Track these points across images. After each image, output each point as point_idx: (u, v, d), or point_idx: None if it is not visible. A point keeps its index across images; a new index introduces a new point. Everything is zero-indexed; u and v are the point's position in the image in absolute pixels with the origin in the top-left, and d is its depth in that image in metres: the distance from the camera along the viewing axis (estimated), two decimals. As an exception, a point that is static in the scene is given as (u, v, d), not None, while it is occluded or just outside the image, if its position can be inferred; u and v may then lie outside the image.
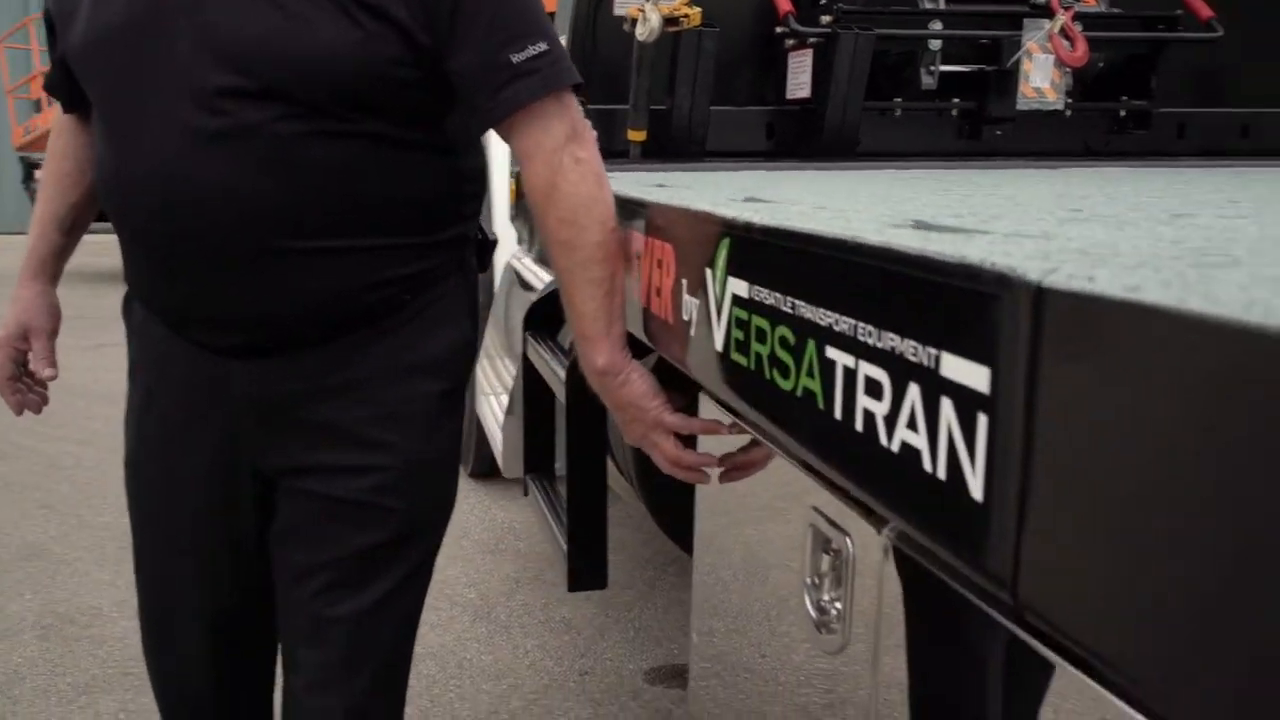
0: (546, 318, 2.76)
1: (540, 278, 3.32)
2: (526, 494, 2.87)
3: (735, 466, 1.49)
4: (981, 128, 2.93)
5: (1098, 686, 0.81)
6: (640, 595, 3.52)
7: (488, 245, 1.73)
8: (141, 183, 1.42)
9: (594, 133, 1.51)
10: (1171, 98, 3.06)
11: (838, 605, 1.26)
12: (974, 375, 0.72)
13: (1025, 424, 0.67)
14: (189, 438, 1.58)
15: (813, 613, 1.32)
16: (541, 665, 3.05)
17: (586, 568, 2.28)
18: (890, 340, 0.83)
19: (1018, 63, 2.86)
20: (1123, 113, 3.04)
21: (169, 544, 1.67)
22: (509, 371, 3.87)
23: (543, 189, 1.46)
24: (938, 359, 0.76)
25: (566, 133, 1.44)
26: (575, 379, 2.26)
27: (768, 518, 1.49)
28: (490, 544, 3.93)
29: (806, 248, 0.99)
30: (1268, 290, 0.53)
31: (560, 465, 2.97)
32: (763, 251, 1.11)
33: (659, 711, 2.82)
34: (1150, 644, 0.60)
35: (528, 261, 3.67)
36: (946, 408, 0.75)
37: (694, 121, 2.69)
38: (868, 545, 1.16)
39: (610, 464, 2.51)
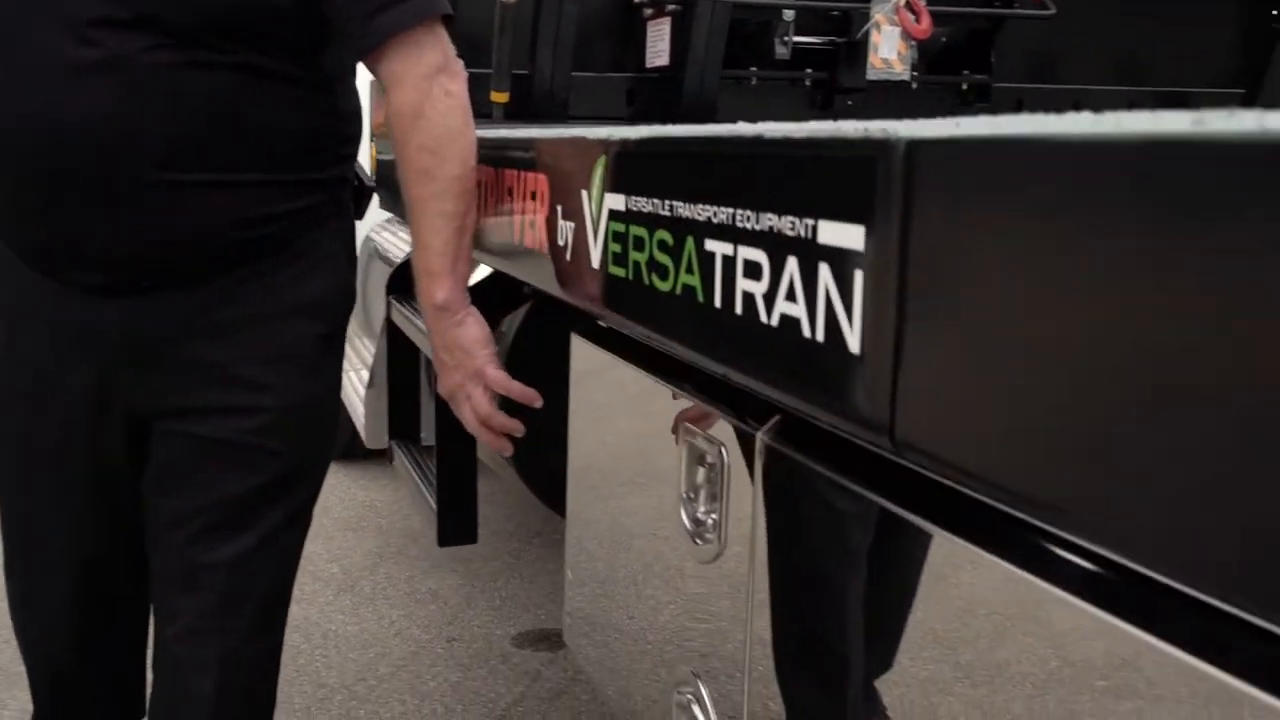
0: (410, 281, 2.75)
1: (401, 247, 3.30)
2: (392, 461, 2.85)
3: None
4: (833, 97, 3.03)
5: (976, 549, 0.88)
6: (506, 566, 3.53)
7: (364, 191, 1.73)
8: (12, 117, 1.37)
9: (465, 72, 1.53)
10: (1010, 73, 3.22)
11: (713, 516, 1.30)
12: (850, 236, 0.76)
13: (899, 270, 0.71)
14: (56, 382, 1.53)
15: (688, 525, 1.36)
16: (408, 633, 3.04)
17: (456, 523, 2.28)
18: (768, 220, 0.87)
19: (866, 34, 2.97)
20: (964, 86, 3.19)
21: (33, 493, 1.62)
22: (368, 349, 3.83)
23: (409, 114, 1.46)
24: (814, 228, 0.81)
25: (438, 62, 1.46)
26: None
27: (641, 444, 1.53)
28: (352, 521, 3.89)
29: (685, 149, 1.03)
30: (1116, 118, 0.59)
31: (425, 434, 2.96)
32: (640, 163, 1.15)
33: (528, 673, 2.84)
34: (1023, 460, 0.65)
35: (387, 235, 3.64)
36: (824, 272, 0.80)
37: (556, 84, 2.72)
38: (743, 449, 1.21)
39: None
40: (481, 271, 2.71)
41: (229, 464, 1.55)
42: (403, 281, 2.82)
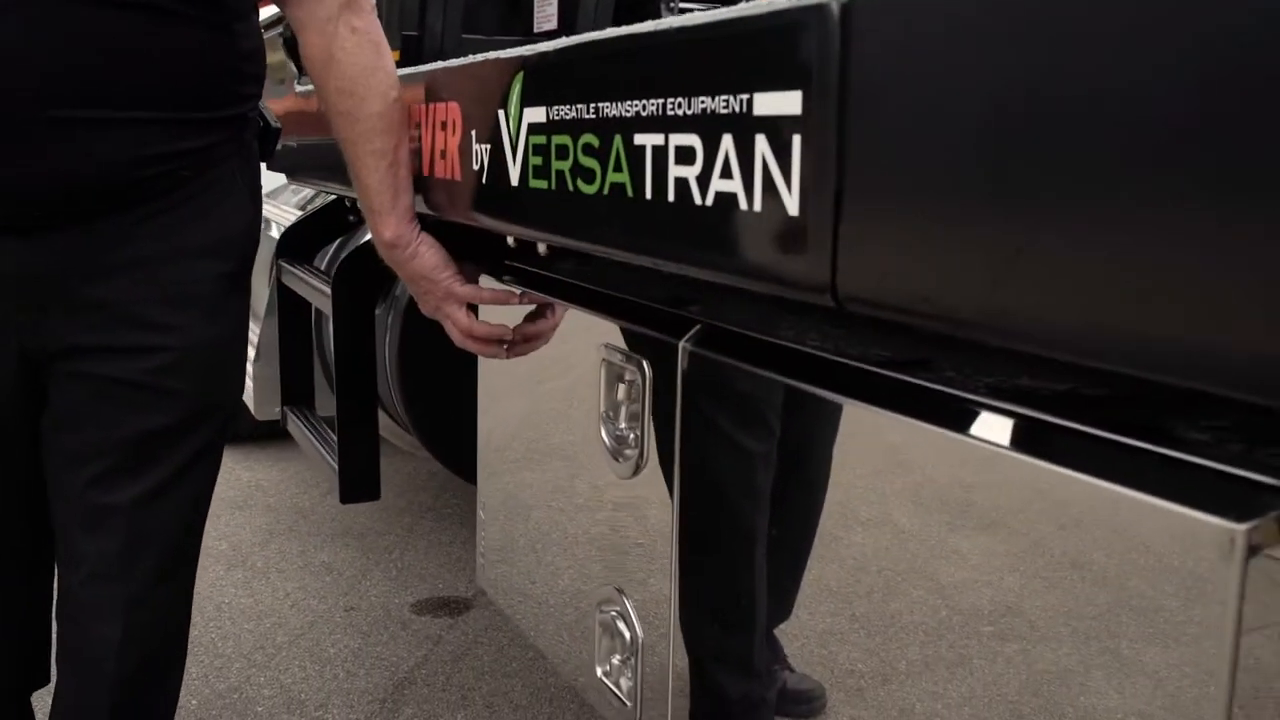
0: (302, 242, 2.72)
1: (284, 218, 3.25)
2: (285, 426, 2.81)
3: (525, 338, 1.54)
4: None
5: (885, 417, 0.92)
6: (399, 539, 3.50)
7: (271, 132, 1.70)
8: None
9: (371, 2, 1.52)
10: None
11: (634, 432, 1.33)
12: (786, 102, 0.79)
13: (838, 128, 0.75)
14: None
15: (608, 443, 1.38)
16: (304, 604, 3.00)
17: (359, 479, 2.27)
18: (701, 103, 0.90)
19: None
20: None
21: None
22: (254, 330, 3.77)
23: (319, 59, 1.46)
24: (749, 102, 0.84)
25: (340, 0, 1.45)
26: (343, 285, 2.25)
27: (556, 367, 1.55)
28: (239, 501, 3.81)
29: (611, 49, 1.05)
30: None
31: (319, 404, 2.93)
32: (559, 73, 1.17)
33: (429, 637, 2.83)
34: (956, 291, 0.69)
35: (269, 207, 3.58)
36: (760, 144, 0.83)
37: (445, 46, 2.70)
38: (663, 362, 1.24)
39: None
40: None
41: (129, 405, 1.52)
42: (292, 244, 2.79)
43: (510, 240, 1.54)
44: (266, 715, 2.44)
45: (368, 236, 2.55)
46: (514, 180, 1.28)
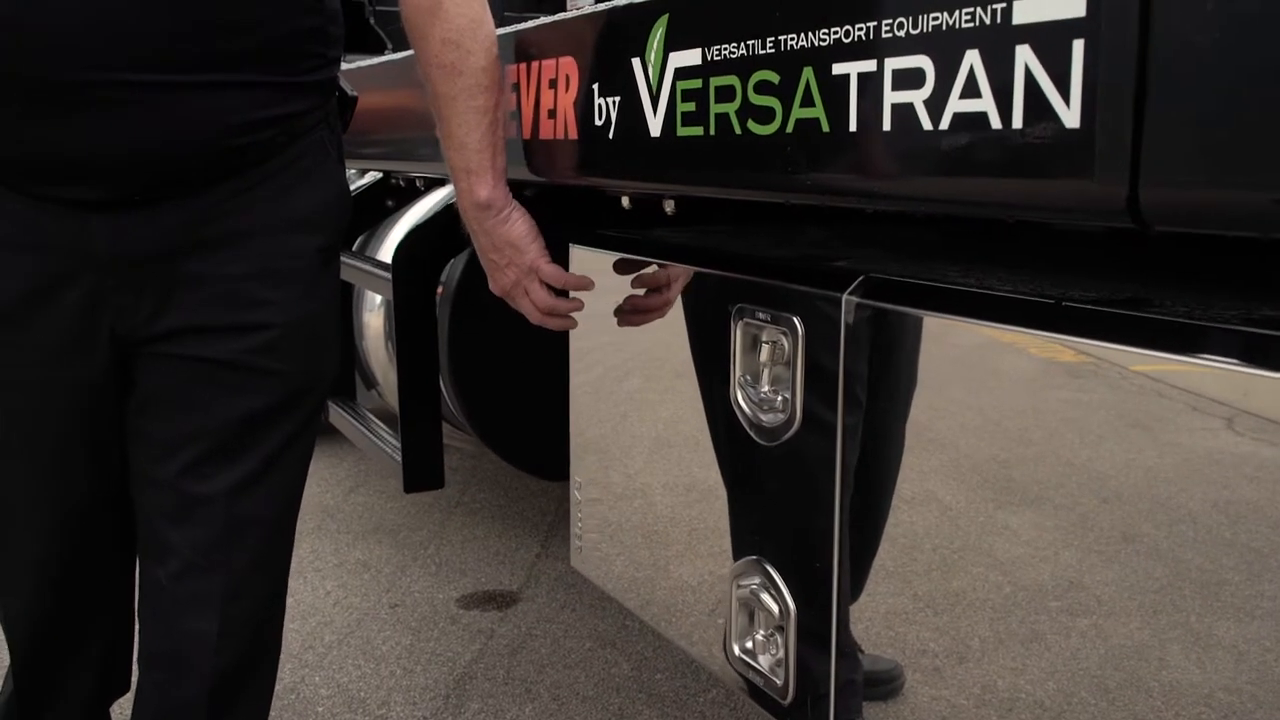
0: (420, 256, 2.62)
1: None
2: (328, 419, 2.72)
3: (635, 309, 1.48)
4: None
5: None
6: (433, 534, 3.43)
7: (349, 100, 1.63)
8: None
9: None
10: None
11: (782, 395, 1.26)
12: (1061, 4, 0.73)
13: (1140, 21, 0.69)
14: (38, 309, 1.39)
15: (745, 408, 1.32)
16: (348, 602, 2.92)
17: (423, 467, 2.19)
18: (934, 20, 0.83)
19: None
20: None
21: (8, 436, 1.47)
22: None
23: (426, 7, 1.39)
24: (1007, 9, 0.77)
25: None
26: (405, 265, 2.17)
27: (659, 336, 1.48)
28: (262, 502, 3.72)
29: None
30: None
31: (361, 393, 2.86)
32: (719, 8, 1.10)
33: (482, 631, 2.75)
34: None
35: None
36: (1022, 54, 0.76)
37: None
38: (822, 317, 1.18)
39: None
40: (421, 209, 2.60)
41: (226, 387, 1.45)
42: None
43: (625, 202, 1.48)
44: (328, 715, 2.36)
45: (426, 214, 2.47)
46: (655, 131, 1.21)
